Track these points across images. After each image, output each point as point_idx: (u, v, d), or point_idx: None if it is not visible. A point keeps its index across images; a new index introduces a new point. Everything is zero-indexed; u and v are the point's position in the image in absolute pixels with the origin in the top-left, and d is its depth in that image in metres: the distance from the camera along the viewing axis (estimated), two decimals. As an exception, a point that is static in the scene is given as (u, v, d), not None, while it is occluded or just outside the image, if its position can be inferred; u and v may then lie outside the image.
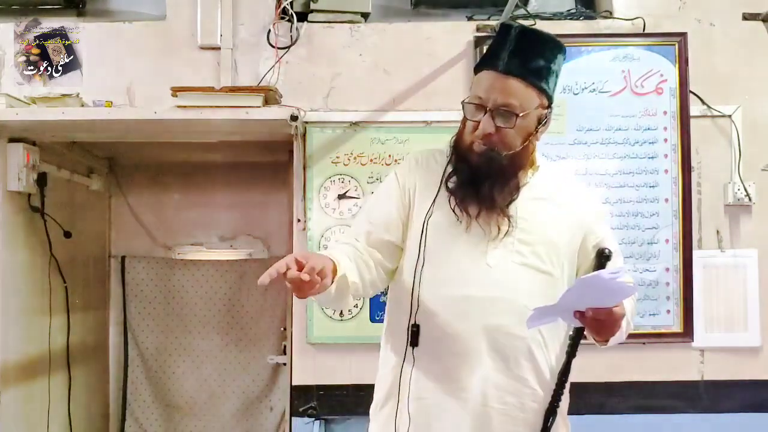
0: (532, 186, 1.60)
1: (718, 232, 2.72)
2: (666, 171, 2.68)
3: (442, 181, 1.58)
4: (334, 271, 1.43)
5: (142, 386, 3.85)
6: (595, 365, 2.67)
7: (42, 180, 2.91)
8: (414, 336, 1.54)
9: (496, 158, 1.51)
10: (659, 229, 2.66)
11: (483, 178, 1.52)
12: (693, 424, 2.67)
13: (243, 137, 2.92)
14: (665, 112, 2.69)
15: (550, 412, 1.54)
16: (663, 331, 2.65)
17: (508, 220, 1.53)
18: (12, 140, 2.75)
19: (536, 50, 1.55)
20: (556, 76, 1.59)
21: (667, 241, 2.66)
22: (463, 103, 1.57)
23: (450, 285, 1.53)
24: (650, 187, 2.67)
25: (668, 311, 2.65)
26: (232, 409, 3.83)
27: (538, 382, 1.55)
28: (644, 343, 2.66)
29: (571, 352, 1.55)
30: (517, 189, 1.56)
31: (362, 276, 1.55)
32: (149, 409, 3.85)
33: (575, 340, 1.55)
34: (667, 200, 2.67)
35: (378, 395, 1.65)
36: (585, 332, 1.52)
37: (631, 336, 2.65)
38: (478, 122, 1.53)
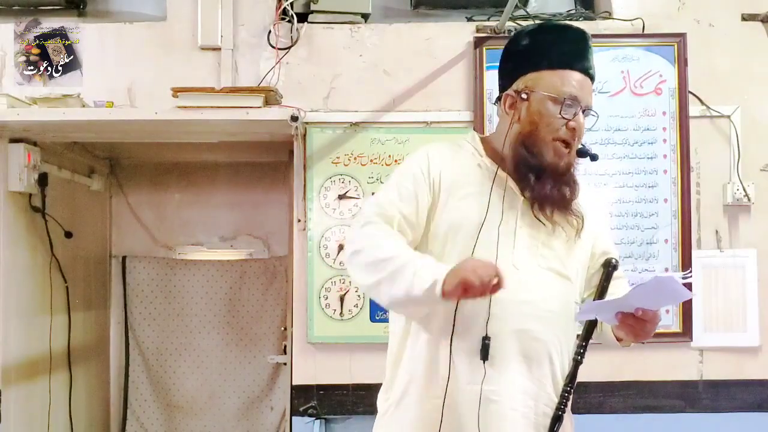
0: None
1: (717, 232, 2.72)
2: (665, 171, 2.68)
3: (493, 180, 1.54)
4: None
5: (143, 386, 3.85)
6: (595, 365, 2.67)
7: (43, 180, 2.91)
8: (485, 349, 1.49)
9: (577, 155, 1.55)
10: (658, 229, 2.67)
11: (564, 180, 1.53)
12: (692, 424, 2.68)
13: (243, 138, 2.92)
14: (664, 113, 2.69)
15: (556, 419, 1.54)
16: (662, 330, 2.65)
17: (580, 218, 1.56)
18: (13, 140, 2.75)
19: (591, 52, 1.61)
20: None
21: (666, 241, 2.67)
22: (551, 97, 1.53)
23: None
24: (649, 187, 2.68)
25: (667, 311, 2.66)
26: (232, 409, 3.84)
27: (553, 386, 1.55)
28: (643, 343, 2.66)
29: (579, 359, 1.56)
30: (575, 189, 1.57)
31: None
32: (150, 409, 3.86)
33: (583, 347, 1.55)
34: (666, 200, 2.67)
35: (394, 384, 1.62)
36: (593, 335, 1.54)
37: (630, 336, 2.67)
38: (567, 119, 1.52)
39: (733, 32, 2.75)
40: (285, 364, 3.51)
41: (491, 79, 2.69)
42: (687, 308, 2.66)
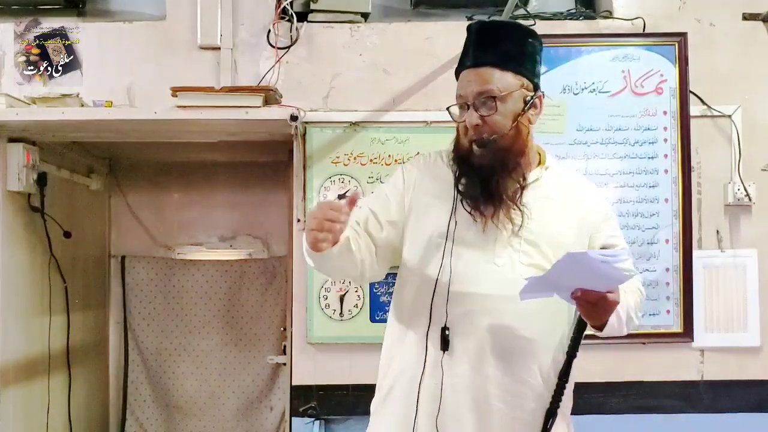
0: (541, 185, 1.61)
1: (718, 232, 2.72)
2: (666, 171, 2.68)
3: (456, 184, 1.59)
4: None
5: (142, 386, 3.85)
6: (595, 365, 2.67)
7: (42, 180, 2.90)
8: (444, 340, 1.54)
9: (491, 144, 1.54)
10: (659, 229, 2.66)
11: (488, 175, 1.54)
12: (693, 424, 2.67)
13: (243, 137, 2.92)
14: (665, 112, 2.69)
15: (551, 413, 1.54)
16: (663, 331, 2.66)
17: (521, 211, 1.55)
18: (12, 140, 2.75)
19: (500, 37, 1.59)
20: (534, 60, 1.61)
21: (667, 241, 2.66)
22: (448, 109, 1.62)
23: (460, 284, 1.54)
24: (650, 187, 2.67)
25: (668, 311, 2.66)
26: (232, 409, 3.83)
27: (543, 383, 1.55)
28: (644, 343, 2.66)
29: (572, 353, 1.55)
30: (524, 179, 1.57)
31: (362, 251, 1.58)
32: (149, 409, 3.85)
33: (576, 341, 1.54)
34: (667, 200, 2.67)
35: (381, 392, 1.67)
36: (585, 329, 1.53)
37: (631, 336, 2.65)
38: (462, 121, 1.57)
39: (734, 32, 2.75)
40: (284, 364, 3.50)
41: (491, 79, 2.68)
42: (688, 308, 2.65)
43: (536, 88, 1.59)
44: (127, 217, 3.88)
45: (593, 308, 1.41)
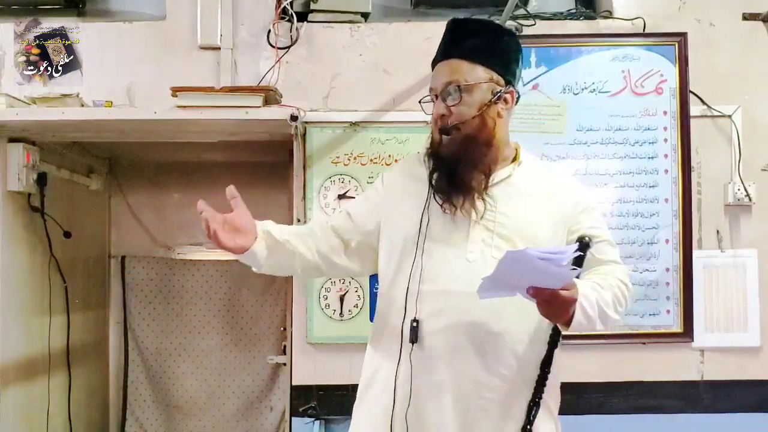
0: (514, 181, 1.62)
1: (718, 232, 2.72)
2: (666, 171, 2.68)
3: (430, 181, 1.61)
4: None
5: (142, 386, 3.85)
6: (595, 365, 2.67)
7: (42, 180, 2.90)
8: (413, 331, 1.56)
9: (455, 132, 1.57)
10: (659, 229, 2.66)
11: (454, 165, 1.57)
12: (693, 424, 2.67)
13: (243, 137, 2.92)
14: (665, 112, 2.69)
15: (533, 405, 1.55)
16: (663, 331, 2.65)
17: (484, 201, 1.57)
18: (12, 140, 2.75)
19: (471, 33, 1.61)
20: (508, 58, 1.63)
21: (667, 241, 2.66)
22: (420, 103, 1.66)
23: (432, 281, 1.56)
24: (650, 187, 2.67)
25: (668, 311, 2.66)
26: (232, 409, 3.83)
27: (520, 377, 1.56)
28: (644, 343, 2.66)
29: (552, 343, 1.56)
30: (490, 170, 1.59)
31: (311, 247, 1.67)
32: (149, 409, 3.85)
33: (555, 330, 1.56)
34: (667, 200, 2.67)
35: (363, 382, 1.70)
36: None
37: (631, 336, 2.68)
38: (431, 113, 1.62)
39: (733, 32, 2.75)
40: (284, 364, 3.50)
41: (491, 79, 2.68)
42: (688, 308, 2.65)
43: (509, 84, 1.61)
44: (127, 217, 3.88)
45: (549, 306, 1.41)
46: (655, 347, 2.66)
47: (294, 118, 2.55)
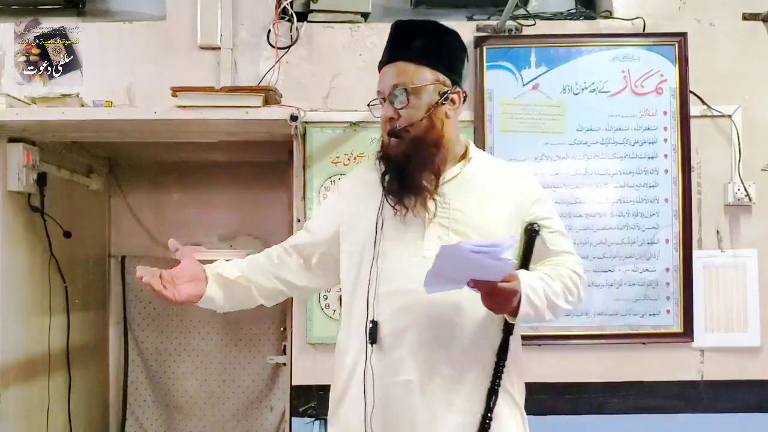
0: (466, 177, 1.64)
1: (718, 232, 2.72)
2: (666, 171, 2.68)
3: (382, 184, 1.63)
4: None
5: (142, 386, 3.85)
6: (595, 365, 2.67)
7: (42, 180, 2.90)
8: (372, 333, 1.58)
9: (404, 134, 1.58)
10: (659, 229, 2.66)
11: (404, 166, 1.58)
12: (693, 424, 2.67)
13: (243, 137, 2.92)
14: (665, 112, 2.69)
15: (492, 392, 1.56)
16: (663, 331, 2.65)
17: (435, 200, 1.58)
18: (12, 140, 2.75)
19: (415, 35, 1.63)
20: (455, 59, 1.65)
21: (667, 241, 2.66)
22: (368, 106, 1.68)
23: (390, 280, 1.58)
24: (650, 187, 2.67)
25: (668, 311, 2.65)
26: (232, 409, 3.83)
27: (482, 367, 1.58)
28: (644, 343, 2.66)
29: (507, 330, 1.58)
30: (440, 170, 1.61)
31: (268, 274, 1.74)
32: (150, 409, 3.85)
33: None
34: (667, 200, 2.67)
35: (334, 394, 1.72)
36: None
37: (631, 336, 2.68)
38: (380, 117, 1.63)
39: (734, 32, 2.75)
40: (284, 364, 3.50)
41: (492, 79, 2.68)
42: (688, 308, 2.65)
43: (455, 84, 1.63)
44: (127, 217, 3.88)
45: (491, 298, 1.44)
46: (655, 347, 2.66)
47: (294, 118, 2.55)
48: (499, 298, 1.44)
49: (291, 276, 1.77)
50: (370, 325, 1.57)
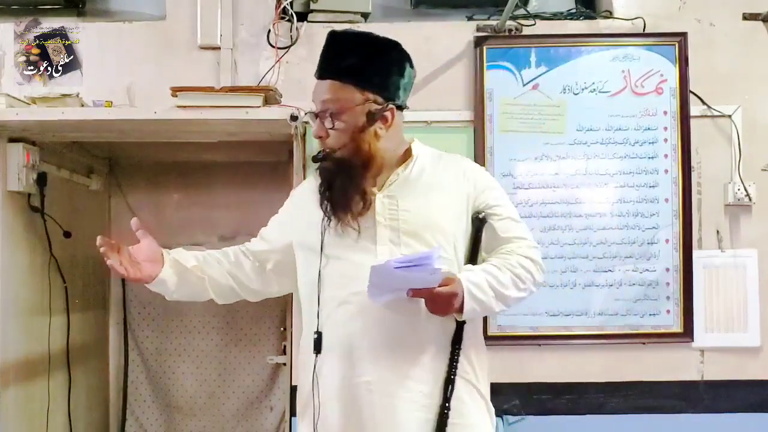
0: (411, 176, 1.65)
1: (718, 232, 2.71)
2: (666, 171, 2.68)
3: (323, 194, 1.64)
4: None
5: (142, 386, 3.85)
6: (595, 365, 2.67)
7: (42, 180, 2.90)
8: (317, 343, 1.60)
9: (331, 158, 1.59)
10: (659, 229, 2.66)
11: (333, 183, 1.59)
12: (693, 424, 2.67)
13: (243, 137, 2.91)
14: (665, 112, 2.69)
15: (448, 381, 1.56)
16: (663, 331, 2.65)
17: (358, 223, 1.58)
18: (12, 140, 2.74)
19: (347, 51, 1.61)
20: (388, 73, 1.62)
21: (667, 241, 2.66)
22: (305, 114, 1.72)
23: (345, 286, 1.57)
24: (650, 187, 2.67)
25: (668, 311, 2.65)
26: (232, 409, 3.83)
27: (440, 361, 1.58)
28: (644, 343, 2.66)
29: (459, 321, 1.59)
30: (370, 190, 1.60)
31: (224, 270, 1.76)
32: (150, 409, 3.85)
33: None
34: (667, 200, 2.67)
35: (299, 400, 1.71)
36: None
37: (631, 336, 2.68)
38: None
39: (734, 32, 2.75)
40: (284, 364, 3.50)
41: (492, 79, 2.68)
42: (688, 308, 2.65)
43: (389, 100, 1.61)
44: (127, 217, 3.84)
45: (433, 303, 1.48)
46: (655, 347, 2.66)
47: (294, 118, 2.55)
48: (442, 302, 1.48)
49: (244, 277, 1.78)
50: (315, 336, 1.59)
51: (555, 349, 2.66)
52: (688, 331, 2.65)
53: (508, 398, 2.59)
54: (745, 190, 2.66)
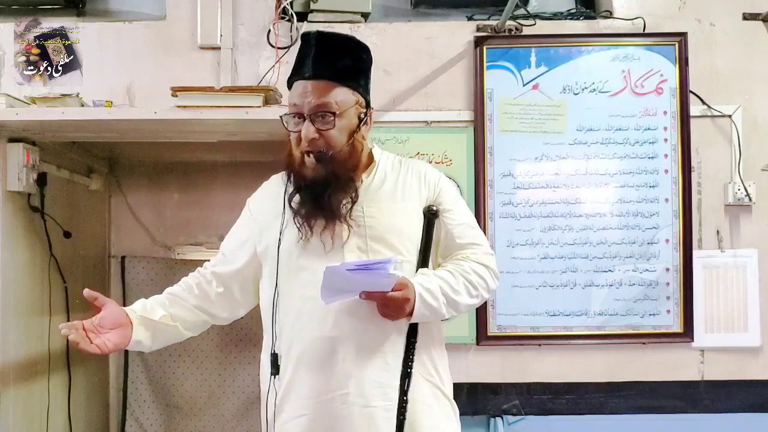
0: (374, 183, 1.66)
1: (718, 232, 2.72)
2: (666, 171, 2.68)
3: (284, 202, 1.63)
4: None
5: (142, 386, 3.84)
6: (595, 365, 2.67)
7: (42, 180, 2.90)
8: (273, 364, 1.60)
9: (326, 159, 1.56)
10: (659, 229, 2.66)
11: (321, 189, 1.56)
12: (693, 424, 2.67)
13: (243, 137, 2.91)
14: (665, 112, 2.69)
15: (405, 376, 1.57)
16: (663, 331, 2.65)
17: (348, 226, 1.57)
18: (12, 140, 2.74)
19: (340, 51, 1.60)
20: (367, 76, 1.65)
21: (667, 241, 2.66)
22: (281, 117, 1.63)
23: (314, 299, 1.54)
24: (650, 187, 2.67)
25: (668, 311, 2.66)
26: (232, 409, 3.83)
27: (419, 362, 1.59)
28: (644, 343, 2.66)
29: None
30: (356, 192, 1.60)
31: (190, 306, 1.74)
32: (149, 409, 3.85)
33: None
34: (667, 200, 2.67)
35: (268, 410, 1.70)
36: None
37: (631, 336, 2.68)
38: (295, 131, 1.59)
39: (734, 31, 2.75)
40: (284, 364, 3.49)
41: (492, 79, 2.68)
42: (688, 308, 2.65)
43: (368, 104, 1.64)
44: (127, 217, 3.88)
45: (385, 308, 1.50)
46: (655, 347, 2.66)
47: (294, 118, 2.55)
48: (393, 307, 1.49)
49: (212, 308, 1.76)
50: (273, 354, 1.60)
51: (555, 349, 2.66)
52: (688, 331, 2.65)
53: (508, 398, 2.59)
54: (745, 190, 2.66)
